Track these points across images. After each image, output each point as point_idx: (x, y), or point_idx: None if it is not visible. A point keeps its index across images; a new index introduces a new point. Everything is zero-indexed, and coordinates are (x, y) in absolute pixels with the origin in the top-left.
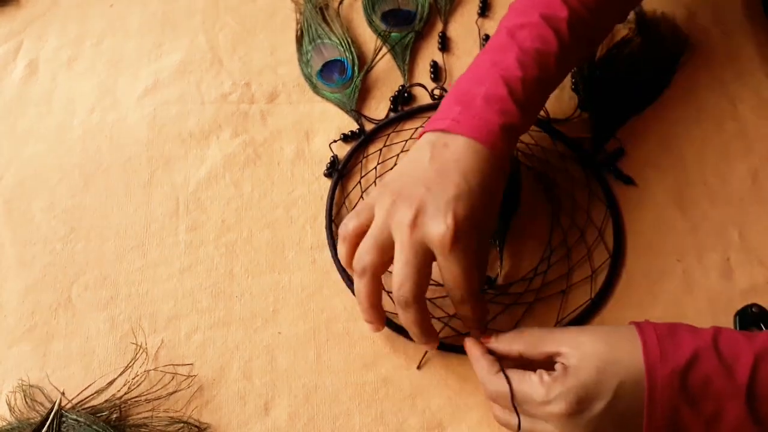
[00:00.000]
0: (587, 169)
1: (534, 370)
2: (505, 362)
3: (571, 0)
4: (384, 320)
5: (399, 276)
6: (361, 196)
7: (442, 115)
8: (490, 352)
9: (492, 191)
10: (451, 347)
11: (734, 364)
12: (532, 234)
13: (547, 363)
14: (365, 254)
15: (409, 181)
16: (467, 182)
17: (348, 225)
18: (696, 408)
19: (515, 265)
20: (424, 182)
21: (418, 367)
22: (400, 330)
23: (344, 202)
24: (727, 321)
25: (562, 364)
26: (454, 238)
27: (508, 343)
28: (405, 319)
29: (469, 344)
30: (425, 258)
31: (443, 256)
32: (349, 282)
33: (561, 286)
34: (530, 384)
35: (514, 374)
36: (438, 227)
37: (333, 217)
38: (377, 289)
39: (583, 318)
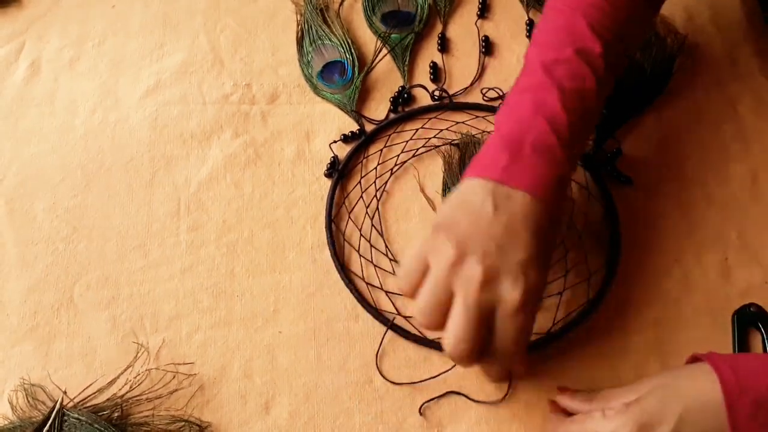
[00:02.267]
0: (586, 170)
1: None
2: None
3: (600, 31)
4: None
5: (457, 334)
6: (361, 196)
7: (488, 161)
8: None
9: (551, 248)
10: None
11: None
12: None
13: None
14: (428, 316)
15: (473, 233)
16: (537, 245)
17: (403, 281)
18: None
19: None
20: (493, 239)
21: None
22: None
23: (344, 203)
24: (725, 321)
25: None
26: (524, 302)
27: (584, 402)
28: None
29: (552, 409)
30: (489, 319)
31: (509, 319)
32: (348, 282)
33: (558, 287)
34: (594, 419)
35: (579, 415)
36: (511, 292)
37: (333, 217)
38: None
39: (580, 320)
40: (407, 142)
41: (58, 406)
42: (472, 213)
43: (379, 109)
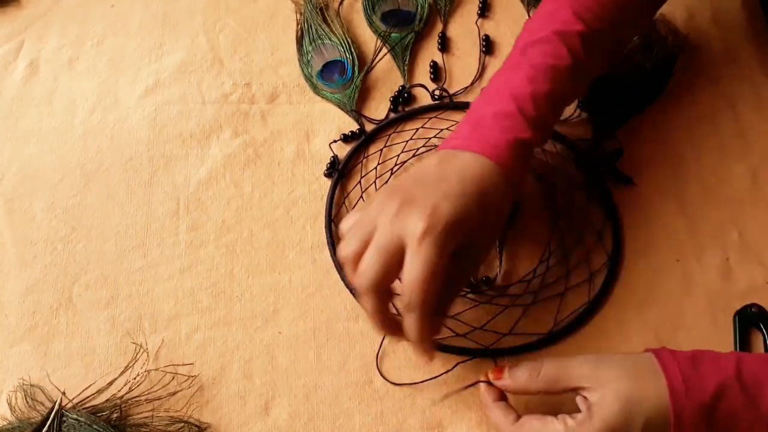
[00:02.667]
0: (587, 171)
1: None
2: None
3: (585, 14)
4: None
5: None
6: (361, 196)
7: (453, 136)
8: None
9: (491, 207)
10: (449, 348)
11: (758, 394)
12: (532, 235)
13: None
14: (366, 270)
15: (408, 183)
16: (462, 186)
17: (348, 246)
18: None
19: (514, 266)
20: (422, 182)
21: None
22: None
23: (344, 202)
24: (727, 321)
25: (585, 400)
26: (425, 232)
27: (525, 382)
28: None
29: (483, 390)
30: (400, 253)
31: (410, 250)
32: (348, 283)
33: (559, 288)
34: (553, 426)
35: (535, 421)
36: (417, 222)
37: (333, 217)
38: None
39: (581, 320)
40: (407, 141)
41: (56, 406)
42: (416, 173)
43: (379, 108)
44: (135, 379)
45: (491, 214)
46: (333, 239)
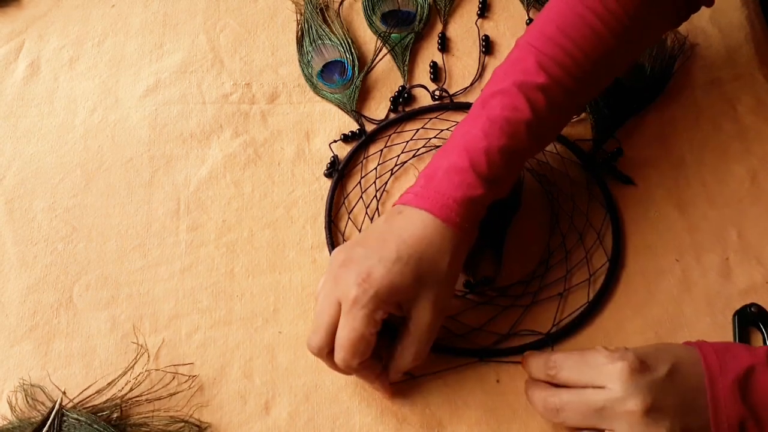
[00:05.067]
0: (587, 171)
1: None
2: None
3: (550, 66)
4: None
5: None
6: (361, 197)
7: (409, 189)
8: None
9: (433, 263)
10: (449, 349)
11: None
12: (532, 235)
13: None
14: (312, 336)
15: (356, 241)
16: (398, 250)
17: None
18: (761, 426)
19: (515, 265)
20: (365, 242)
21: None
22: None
23: (344, 202)
24: (726, 321)
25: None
26: (355, 300)
27: (550, 369)
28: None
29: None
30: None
31: (342, 314)
32: None
33: (559, 288)
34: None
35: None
36: (351, 287)
37: (333, 217)
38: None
39: (581, 321)
40: (407, 142)
41: (57, 406)
42: (366, 233)
43: (379, 108)
44: (135, 379)
45: (431, 275)
46: (333, 239)
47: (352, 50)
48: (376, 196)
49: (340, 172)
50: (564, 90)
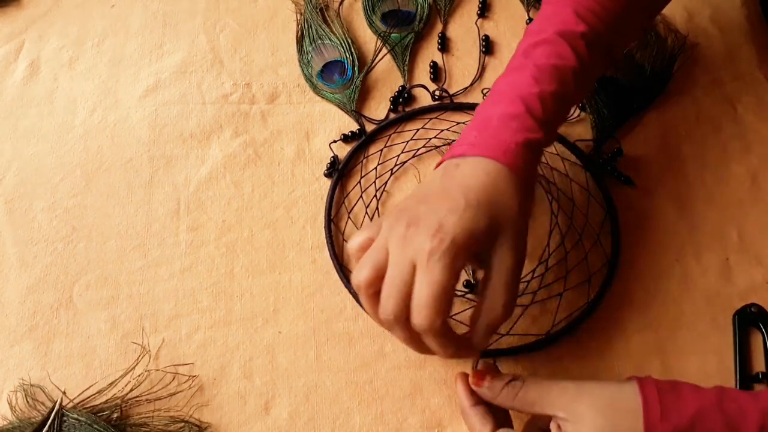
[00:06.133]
0: (587, 172)
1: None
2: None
3: (587, 15)
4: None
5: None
6: (361, 197)
7: (459, 142)
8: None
9: (503, 206)
10: None
11: (740, 424)
12: (532, 236)
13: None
14: (386, 302)
15: (414, 203)
16: (466, 198)
17: (361, 273)
18: None
19: None
20: (426, 200)
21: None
22: None
23: (344, 202)
24: (726, 321)
25: (558, 428)
26: (432, 252)
27: (502, 399)
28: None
29: (460, 390)
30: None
31: (419, 272)
32: (348, 282)
33: (558, 288)
34: None
35: None
36: (424, 241)
37: (332, 217)
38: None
39: (580, 321)
40: (407, 142)
41: (57, 406)
42: (422, 190)
43: (379, 108)
44: (135, 379)
45: (504, 219)
46: (332, 239)
47: (352, 50)
48: (376, 195)
49: (339, 171)
50: (600, 37)
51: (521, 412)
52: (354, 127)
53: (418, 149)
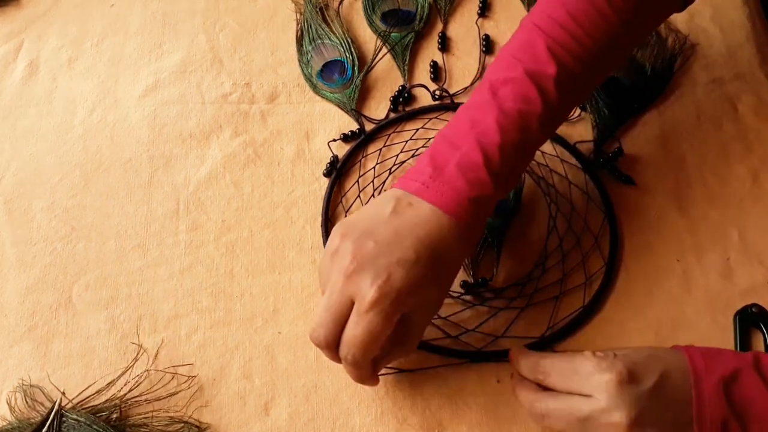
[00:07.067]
0: (586, 174)
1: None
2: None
3: (560, 53)
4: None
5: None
6: (359, 196)
7: (414, 175)
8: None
9: (446, 264)
10: (442, 349)
11: None
12: (529, 237)
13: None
14: (318, 328)
15: (362, 233)
16: (417, 251)
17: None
18: (743, 426)
19: (511, 267)
20: (376, 237)
21: None
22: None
23: (341, 202)
24: (727, 321)
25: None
26: (375, 302)
27: (539, 373)
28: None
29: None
30: (350, 311)
31: (356, 312)
32: None
33: (555, 291)
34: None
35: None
36: (368, 287)
37: (330, 216)
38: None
39: (576, 323)
40: (407, 142)
41: (56, 407)
42: (371, 217)
43: (379, 108)
44: (135, 379)
45: (444, 277)
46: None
47: (352, 50)
48: (373, 195)
49: (338, 171)
50: (573, 78)
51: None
52: (354, 126)
53: (418, 149)
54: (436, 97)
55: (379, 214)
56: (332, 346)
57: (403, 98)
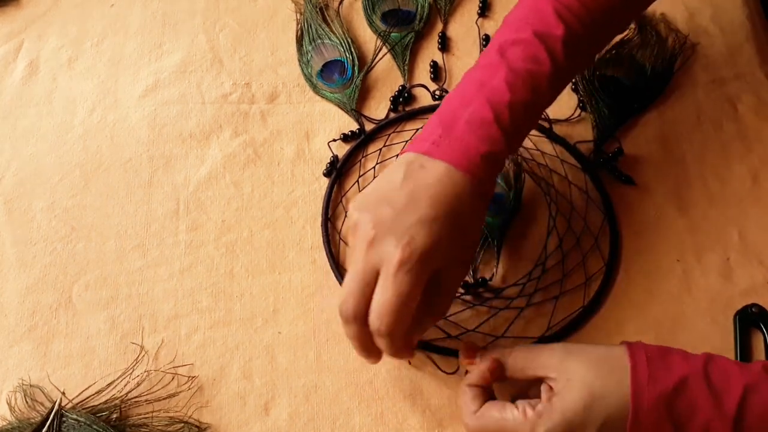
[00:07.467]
0: (586, 174)
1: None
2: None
3: (567, 16)
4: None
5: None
6: None
7: (424, 136)
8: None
9: (465, 220)
10: (446, 350)
11: (723, 393)
12: (530, 237)
13: (533, 382)
14: (348, 297)
15: (377, 202)
16: (435, 209)
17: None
18: None
19: (511, 267)
20: (392, 203)
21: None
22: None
23: (341, 201)
24: (727, 321)
25: (549, 389)
26: (401, 263)
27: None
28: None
29: (463, 364)
30: (376, 279)
31: (383, 278)
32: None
33: (554, 291)
34: (513, 419)
35: (494, 410)
36: (392, 250)
37: (330, 216)
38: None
39: (576, 324)
40: (406, 141)
41: (56, 406)
42: (384, 186)
43: (379, 108)
44: (135, 379)
45: (467, 233)
46: (329, 239)
47: (352, 50)
48: None
49: (338, 171)
50: (579, 40)
51: (513, 379)
52: (354, 126)
53: None
54: (437, 97)
55: (392, 181)
56: (361, 318)
57: (403, 98)
